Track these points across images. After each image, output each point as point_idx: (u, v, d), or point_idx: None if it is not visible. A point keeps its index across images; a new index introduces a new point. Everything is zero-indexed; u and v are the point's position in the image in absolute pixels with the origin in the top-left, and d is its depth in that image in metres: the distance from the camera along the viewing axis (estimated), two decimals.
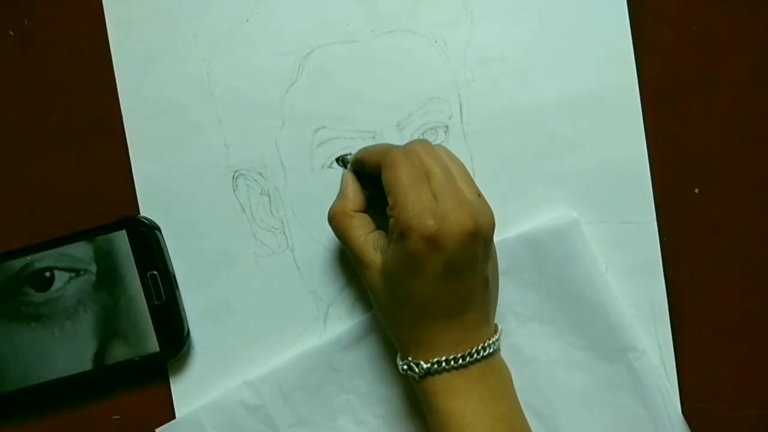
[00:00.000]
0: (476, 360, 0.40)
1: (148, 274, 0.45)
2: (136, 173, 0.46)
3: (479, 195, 0.41)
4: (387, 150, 0.41)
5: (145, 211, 0.46)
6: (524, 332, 0.46)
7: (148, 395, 0.46)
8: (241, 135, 0.46)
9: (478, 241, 0.39)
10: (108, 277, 0.45)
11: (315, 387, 0.46)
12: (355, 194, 0.43)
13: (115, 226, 0.45)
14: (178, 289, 0.46)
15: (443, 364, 0.39)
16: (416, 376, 0.40)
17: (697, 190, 0.47)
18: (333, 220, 0.42)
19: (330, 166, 0.46)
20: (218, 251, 0.47)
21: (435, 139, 0.46)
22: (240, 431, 0.46)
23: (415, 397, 0.43)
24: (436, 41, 0.46)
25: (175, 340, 0.45)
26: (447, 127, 0.46)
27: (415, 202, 0.38)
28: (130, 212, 0.46)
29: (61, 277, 0.45)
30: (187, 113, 0.46)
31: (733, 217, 0.47)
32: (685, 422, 0.46)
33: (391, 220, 0.39)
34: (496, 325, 0.43)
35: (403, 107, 0.46)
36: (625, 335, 0.45)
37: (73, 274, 0.45)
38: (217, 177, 0.47)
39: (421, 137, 0.46)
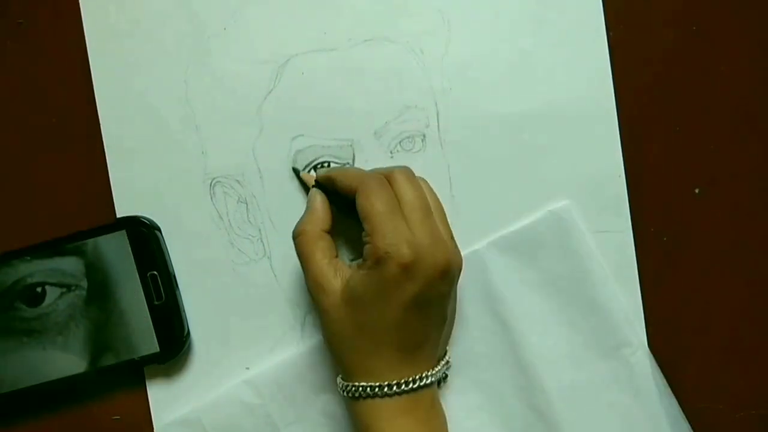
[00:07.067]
0: (403, 391, 0.40)
1: (148, 274, 0.45)
2: (113, 180, 0.46)
3: (452, 238, 0.42)
4: (362, 176, 0.41)
5: None
6: (522, 331, 0.46)
7: (148, 395, 0.46)
8: (219, 143, 0.46)
9: (447, 279, 0.40)
10: (99, 290, 0.45)
11: (314, 385, 0.46)
12: (325, 213, 0.43)
13: (115, 226, 0.45)
14: (178, 289, 0.46)
15: (375, 390, 0.40)
16: (349, 395, 0.41)
17: (697, 190, 0.47)
18: (300, 236, 0.42)
19: (302, 171, 0.46)
20: (196, 260, 0.47)
21: (412, 147, 0.46)
22: (239, 430, 0.46)
23: None
24: (413, 50, 0.46)
25: (175, 340, 0.45)
26: (424, 135, 0.46)
27: (393, 231, 0.39)
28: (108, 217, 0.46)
29: (52, 293, 0.45)
30: (165, 121, 0.47)
31: (733, 217, 0.47)
32: (685, 419, 0.46)
33: (367, 247, 0.39)
34: (441, 360, 0.43)
35: (380, 115, 0.46)
36: (620, 331, 0.45)
37: (64, 290, 0.45)
38: (194, 185, 0.46)
39: (399, 145, 0.46)
